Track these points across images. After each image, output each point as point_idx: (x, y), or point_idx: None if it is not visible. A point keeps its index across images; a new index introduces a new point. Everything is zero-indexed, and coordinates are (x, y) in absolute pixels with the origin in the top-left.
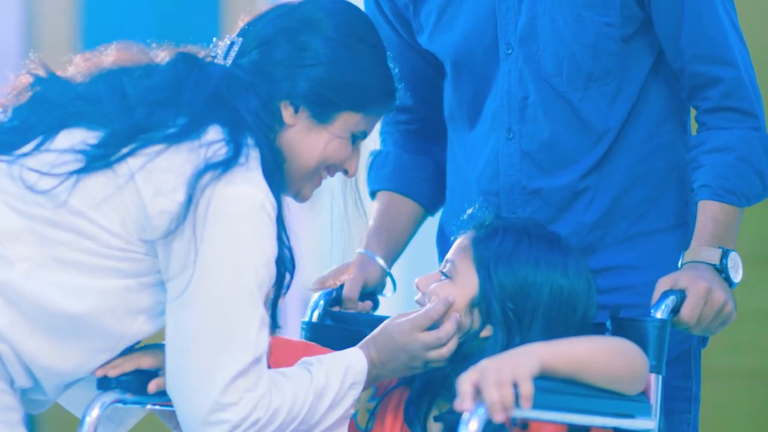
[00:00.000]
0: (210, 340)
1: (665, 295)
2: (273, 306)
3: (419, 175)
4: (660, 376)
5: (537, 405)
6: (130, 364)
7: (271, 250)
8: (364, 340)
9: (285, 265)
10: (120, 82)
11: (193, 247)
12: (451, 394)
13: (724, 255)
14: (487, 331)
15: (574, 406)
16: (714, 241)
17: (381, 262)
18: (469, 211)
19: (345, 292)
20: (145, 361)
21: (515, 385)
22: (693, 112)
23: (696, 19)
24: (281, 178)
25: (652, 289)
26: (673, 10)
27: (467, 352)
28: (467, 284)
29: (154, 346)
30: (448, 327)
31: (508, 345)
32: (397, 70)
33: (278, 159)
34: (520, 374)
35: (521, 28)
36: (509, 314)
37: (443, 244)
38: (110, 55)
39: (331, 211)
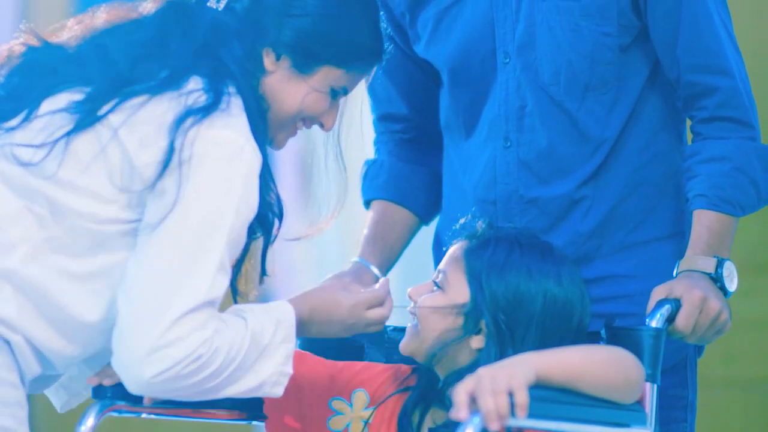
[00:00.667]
0: (170, 274)
1: (660, 304)
2: (263, 254)
3: (414, 185)
4: (655, 385)
5: (532, 414)
6: None
7: (247, 197)
8: (300, 294)
9: (272, 211)
10: (105, 40)
11: (177, 188)
12: (444, 405)
13: (720, 264)
14: (478, 343)
15: (570, 415)
16: (709, 251)
17: (375, 270)
18: (462, 220)
19: None
20: None
21: (510, 394)
22: (689, 122)
23: (693, 28)
24: (265, 125)
25: (648, 298)
26: (670, 19)
27: (459, 364)
28: (459, 295)
29: None
30: (384, 282)
31: (500, 357)
32: (389, 30)
33: (262, 106)
34: (515, 383)
35: (519, 37)
36: (502, 326)
37: (439, 252)
38: (101, 16)
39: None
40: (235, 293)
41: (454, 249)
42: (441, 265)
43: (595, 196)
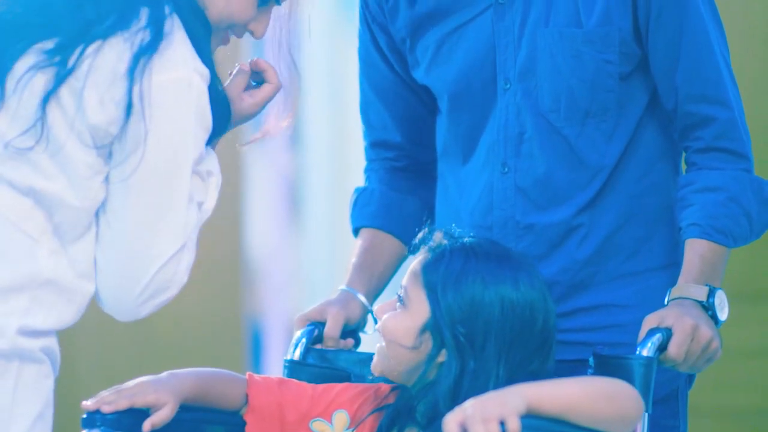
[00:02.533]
0: (147, 223)
1: (651, 332)
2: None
3: (404, 214)
4: (646, 414)
5: None
6: (124, 402)
7: (202, 122)
8: None
9: (221, 107)
10: None
11: (139, 139)
12: (416, 422)
13: (711, 293)
14: (442, 357)
15: None
16: (701, 279)
17: (363, 299)
18: (420, 235)
19: (327, 330)
20: (139, 400)
21: (502, 423)
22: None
23: (693, 58)
24: (208, 37)
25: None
26: (671, 47)
27: (428, 379)
28: (419, 311)
29: (152, 380)
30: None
31: (462, 369)
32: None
33: (201, 18)
34: (506, 411)
35: (521, 63)
36: (460, 339)
37: None
38: None
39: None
40: None
41: (415, 263)
42: (402, 281)
43: (591, 224)
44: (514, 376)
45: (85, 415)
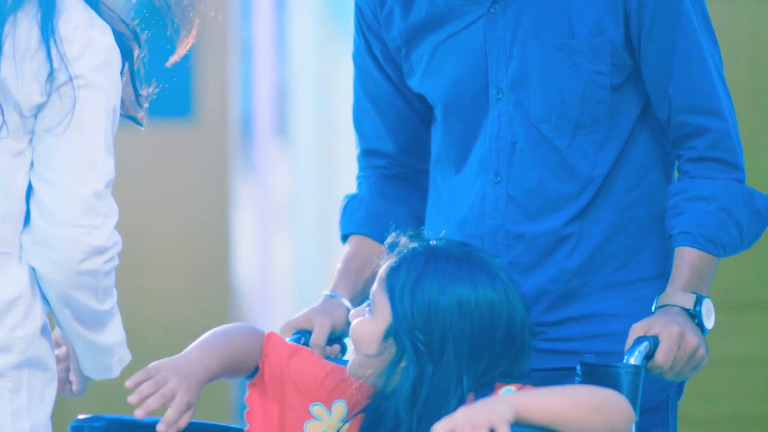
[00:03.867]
0: (74, 166)
1: (638, 341)
2: (132, 81)
3: (392, 222)
4: (634, 423)
5: None
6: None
7: (112, 68)
8: None
9: (128, 41)
10: None
11: (70, 94)
12: (387, 427)
13: (698, 301)
14: (405, 363)
15: None
16: (689, 287)
17: (347, 303)
18: (389, 239)
19: (313, 338)
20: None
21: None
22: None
23: (686, 70)
24: None
25: None
26: (664, 59)
27: (392, 386)
28: (383, 316)
29: (181, 365)
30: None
31: (420, 375)
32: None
33: None
34: (495, 418)
35: (512, 73)
36: (418, 344)
37: None
38: None
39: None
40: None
41: (381, 268)
42: (373, 286)
43: (581, 234)
44: (482, 379)
45: (74, 423)
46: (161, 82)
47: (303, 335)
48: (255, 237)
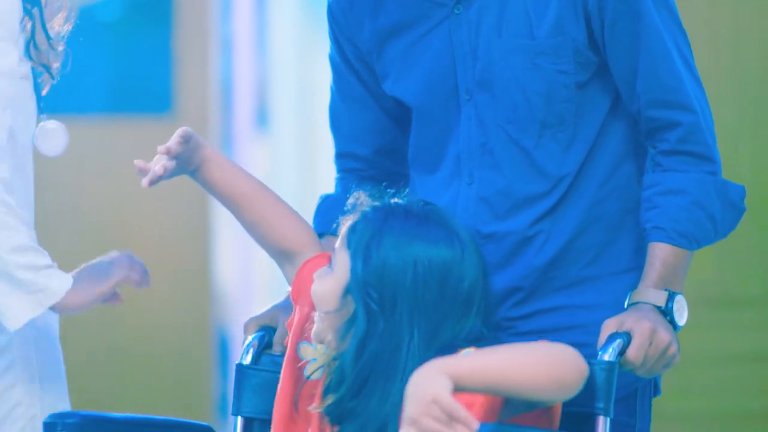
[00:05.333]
0: None
1: (612, 337)
2: (43, 26)
3: None
4: (608, 419)
5: None
6: None
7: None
8: None
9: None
10: None
11: None
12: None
13: (671, 298)
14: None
15: None
16: (661, 283)
17: None
18: (350, 200)
19: (277, 335)
20: None
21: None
22: None
23: (650, 66)
24: None
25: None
26: (628, 57)
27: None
28: (342, 273)
29: None
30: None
31: (370, 332)
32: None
33: None
34: (447, 406)
35: (478, 74)
36: (370, 303)
37: None
38: None
39: None
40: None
41: (344, 226)
42: (335, 244)
43: (551, 231)
44: (436, 339)
45: (46, 419)
46: (141, 79)
47: (267, 332)
48: (235, 233)
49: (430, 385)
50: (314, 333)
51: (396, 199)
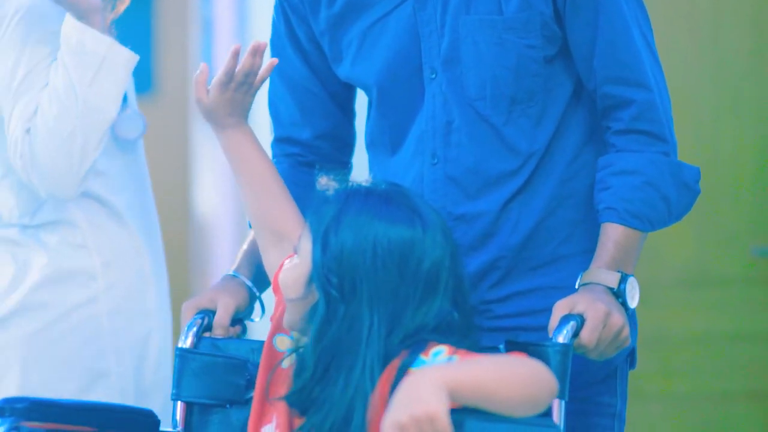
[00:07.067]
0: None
1: (566, 319)
2: None
3: (302, 208)
4: (563, 401)
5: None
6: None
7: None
8: None
9: None
10: None
11: None
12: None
13: (623, 279)
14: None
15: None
16: (614, 265)
17: (250, 285)
18: (321, 181)
19: (217, 319)
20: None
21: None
22: None
23: (609, 41)
24: None
25: None
26: (587, 31)
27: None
28: (307, 259)
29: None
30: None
31: (330, 317)
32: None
33: None
34: (441, 427)
35: (444, 52)
36: (330, 289)
37: None
38: None
39: None
40: None
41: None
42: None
43: (522, 210)
44: (397, 324)
45: None
46: None
47: (206, 315)
48: (215, 214)
49: (430, 399)
50: (285, 322)
51: (362, 182)
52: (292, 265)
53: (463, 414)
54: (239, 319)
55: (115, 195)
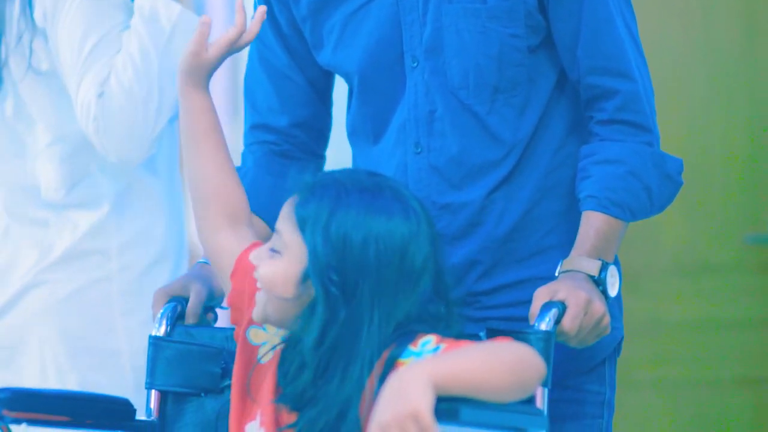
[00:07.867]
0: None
1: (547, 306)
2: None
3: (275, 198)
4: (546, 389)
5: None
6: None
7: None
8: None
9: None
10: None
11: None
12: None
13: (603, 267)
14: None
15: (473, 419)
16: (594, 253)
17: None
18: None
19: (190, 306)
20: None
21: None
22: None
23: (592, 32)
24: None
25: None
26: (571, 21)
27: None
28: (296, 255)
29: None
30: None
31: (332, 320)
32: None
33: None
34: (425, 424)
35: (426, 40)
36: (331, 288)
37: None
38: None
39: None
40: None
41: (287, 205)
42: (277, 225)
43: (508, 200)
44: (391, 318)
45: None
46: None
47: (178, 302)
48: None
49: (413, 397)
50: (256, 314)
51: (342, 171)
52: (273, 260)
53: (457, 402)
54: (211, 306)
55: (153, 176)
